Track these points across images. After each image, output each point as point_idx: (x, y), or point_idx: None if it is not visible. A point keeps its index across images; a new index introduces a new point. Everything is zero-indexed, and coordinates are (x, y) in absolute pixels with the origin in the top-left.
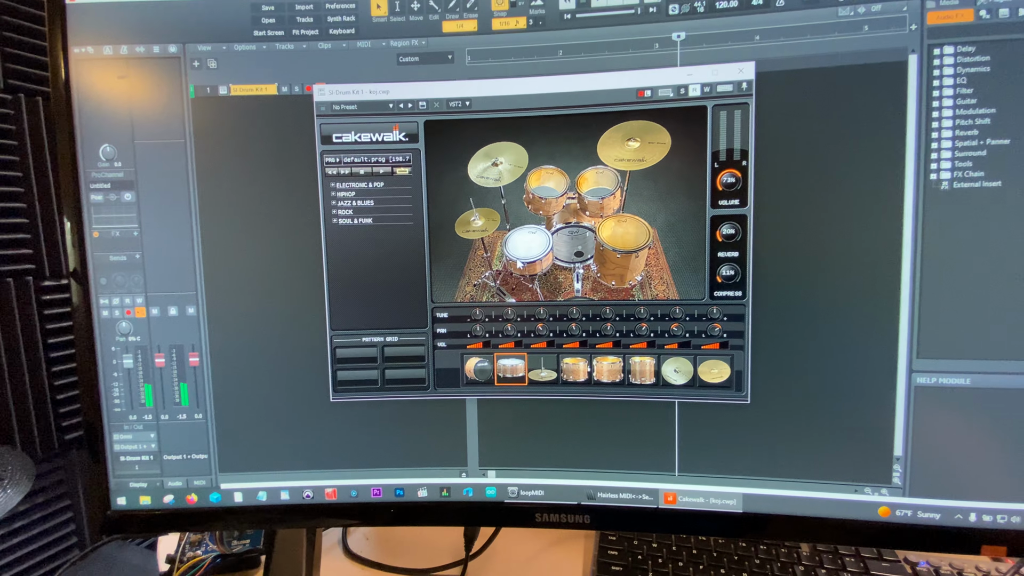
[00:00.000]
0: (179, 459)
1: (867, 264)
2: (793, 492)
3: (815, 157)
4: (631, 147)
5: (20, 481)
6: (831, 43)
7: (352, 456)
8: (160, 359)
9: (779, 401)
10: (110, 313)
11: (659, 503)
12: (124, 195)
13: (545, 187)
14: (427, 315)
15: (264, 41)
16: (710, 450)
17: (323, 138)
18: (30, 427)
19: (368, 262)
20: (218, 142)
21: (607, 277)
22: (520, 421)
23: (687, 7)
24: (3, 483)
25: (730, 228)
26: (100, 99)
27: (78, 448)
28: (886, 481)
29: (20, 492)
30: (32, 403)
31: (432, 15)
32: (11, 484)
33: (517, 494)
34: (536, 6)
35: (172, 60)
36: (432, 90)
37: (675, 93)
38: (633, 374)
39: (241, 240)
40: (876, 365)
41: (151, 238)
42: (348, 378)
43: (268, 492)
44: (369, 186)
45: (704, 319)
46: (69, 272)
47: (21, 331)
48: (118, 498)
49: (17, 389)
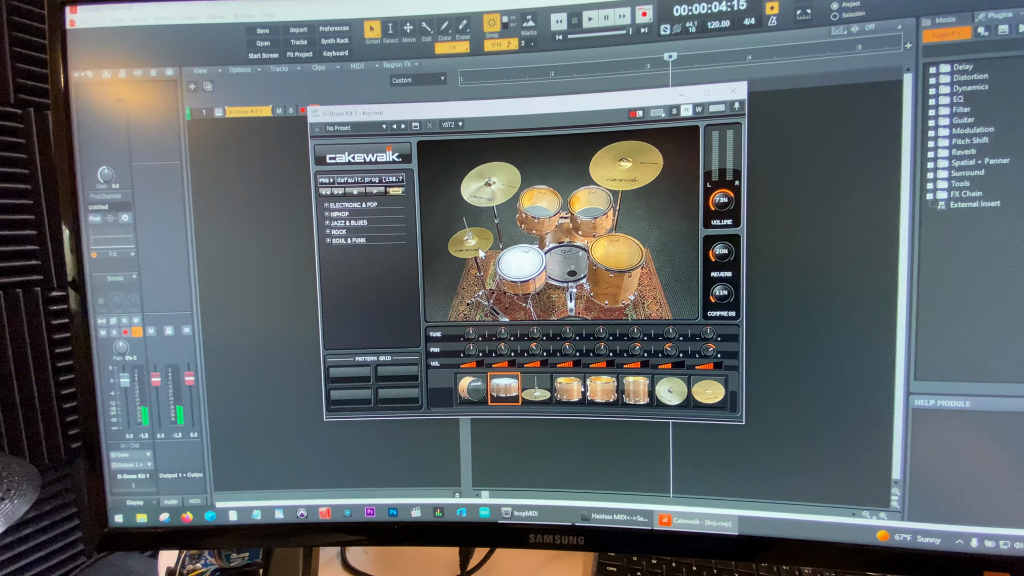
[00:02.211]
0: (175, 477)
1: (862, 284)
2: (789, 515)
3: (809, 177)
4: (623, 167)
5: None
6: (824, 62)
7: (346, 475)
8: (156, 378)
9: (774, 422)
10: (107, 332)
11: (654, 525)
12: (122, 216)
13: (538, 207)
14: (420, 334)
15: (259, 63)
16: (705, 471)
17: (317, 159)
18: (37, 436)
19: (361, 281)
20: (214, 164)
21: (600, 296)
22: (514, 441)
23: (679, 27)
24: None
25: (723, 248)
26: (99, 122)
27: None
28: (884, 505)
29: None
30: (39, 412)
31: (425, 37)
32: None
33: (511, 515)
34: (528, 27)
35: (169, 83)
36: (425, 111)
37: (667, 113)
38: (627, 394)
39: (236, 260)
40: (873, 387)
41: (148, 258)
42: (341, 397)
43: (263, 511)
44: (362, 206)
45: (698, 339)
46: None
47: (29, 341)
48: (116, 515)
49: (25, 398)
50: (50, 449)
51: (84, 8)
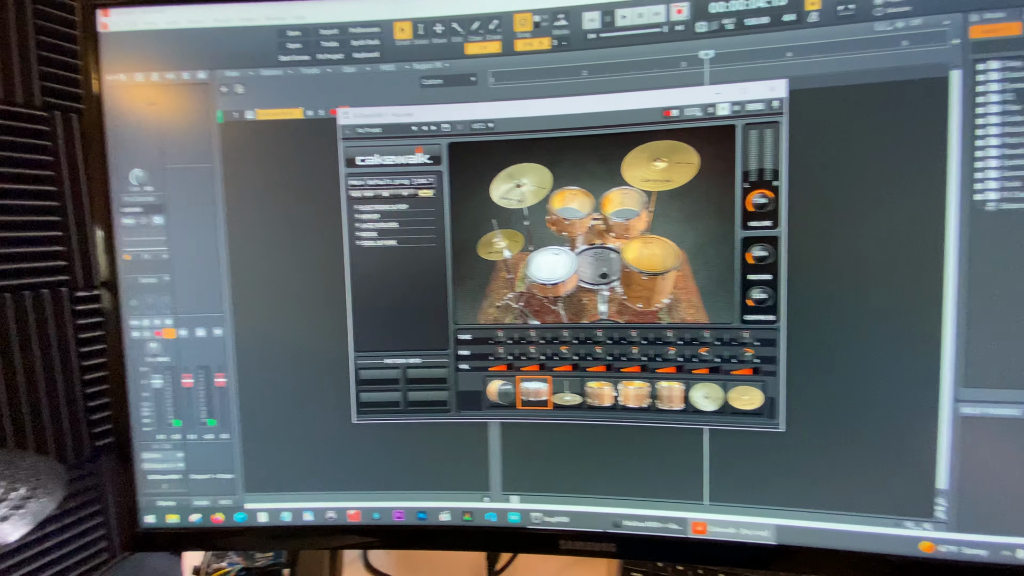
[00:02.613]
0: (206, 478)
1: (908, 287)
2: (830, 524)
3: (851, 176)
4: (657, 167)
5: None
6: (868, 59)
7: (375, 478)
8: (188, 380)
9: (815, 430)
10: (140, 334)
11: (687, 533)
12: (154, 218)
13: (569, 208)
14: (449, 337)
15: (290, 66)
16: (742, 479)
17: (347, 161)
18: (63, 433)
19: (391, 283)
20: (245, 166)
21: (633, 299)
22: (544, 446)
23: (715, 25)
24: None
25: (762, 250)
26: (131, 125)
27: (108, 455)
28: (928, 515)
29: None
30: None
31: (455, 37)
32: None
33: (541, 520)
34: (560, 26)
35: (201, 86)
36: (455, 112)
37: (703, 112)
38: (660, 399)
39: (267, 262)
40: (918, 394)
41: (180, 260)
42: (371, 399)
43: (292, 512)
44: (393, 208)
45: (735, 344)
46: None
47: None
48: (146, 516)
49: (51, 396)
50: (75, 447)
51: (116, 11)
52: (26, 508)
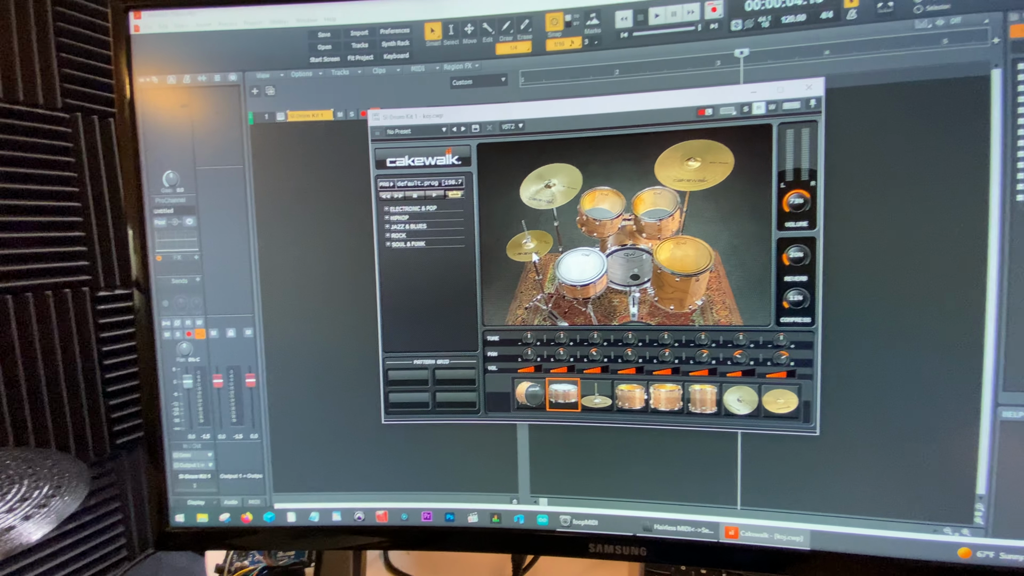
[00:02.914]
0: (235, 478)
1: (949, 290)
2: (866, 530)
3: (890, 176)
4: (691, 167)
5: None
6: (907, 57)
7: (403, 479)
8: (218, 380)
9: (851, 434)
10: (171, 334)
11: (720, 537)
12: (186, 220)
13: (599, 209)
14: (478, 338)
15: (320, 67)
16: (776, 483)
17: (377, 162)
18: (84, 432)
19: (420, 284)
20: (275, 167)
21: (665, 301)
22: (573, 448)
23: (751, 23)
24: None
25: (798, 251)
26: (164, 127)
27: (129, 454)
28: (967, 521)
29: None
30: (86, 409)
31: (486, 37)
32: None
33: (570, 523)
34: (592, 25)
35: (232, 88)
36: (485, 113)
37: (738, 111)
38: (693, 402)
39: (297, 263)
40: (958, 398)
41: (211, 261)
42: (400, 400)
43: (320, 513)
44: (422, 209)
45: (770, 346)
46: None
47: (77, 339)
48: (177, 515)
49: (72, 395)
50: (96, 445)
51: (148, 14)
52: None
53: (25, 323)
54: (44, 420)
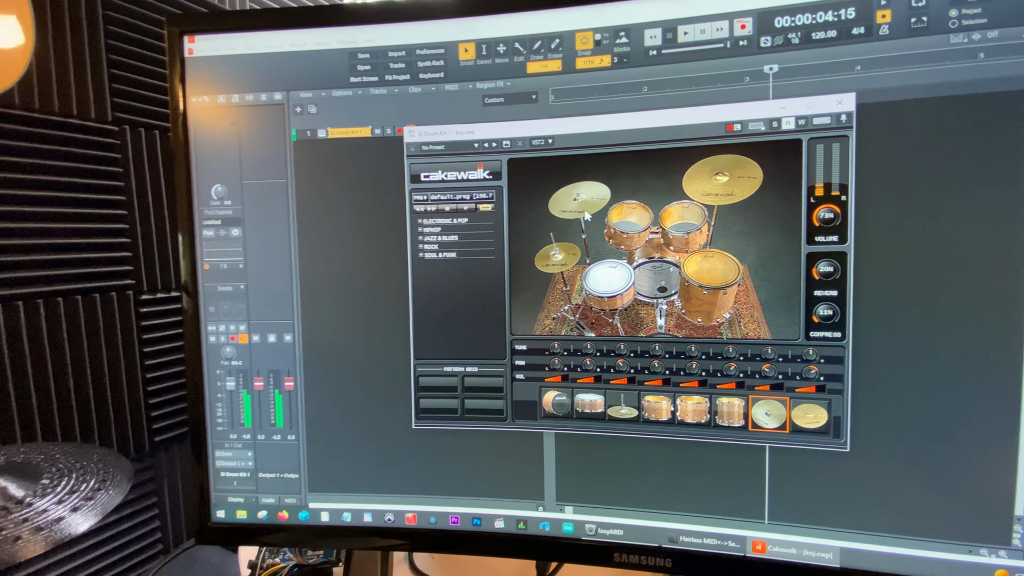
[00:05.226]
0: (273, 477)
1: (984, 306)
2: (897, 549)
3: (924, 191)
4: (719, 181)
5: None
6: (942, 72)
7: (432, 483)
8: (259, 382)
9: (882, 450)
10: (216, 339)
11: (746, 551)
12: (232, 231)
13: (627, 222)
14: (506, 347)
15: (360, 87)
16: (804, 499)
17: (412, 177)
18: (126, 429)
19: (451, 294)
20: (316, 181)
21: (693, 314)
22: (599, 457)
23: (780, 39)
24: (105, 483)
25: (828, 266)
26: (214, 143)
27: (166, 451)
28: (1005, 543)
29: (120, 492)
30: (128, 407)
31: (517, 57)
32: (112, 484)
33: (595, 532)
34: (621, 44)
35: (277, 107)
36: (516, 129)
37: (767, 127)
38: (720, 415)
39: (334, 272)
40: (995, 416)
41: (255, 270)
42: (429, 406)
43: (352, 513)
44: (454, 222)
45: (799, 360)
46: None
47: (121, 340)
48: (218, 511)
49: (115, 392)
50: (136, 443)
51: (201, 37)
52: (95, 499)
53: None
54: (89, 416)
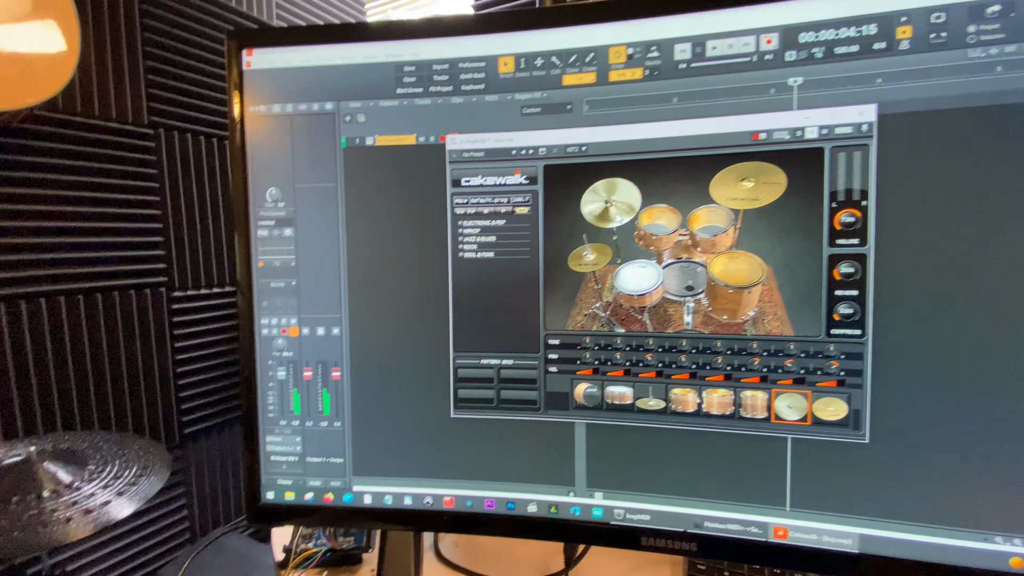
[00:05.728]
0: (320, 461)
1: (1004, 306)
2: (915, 536)
3: (942, 198)
4: (745, 187)
5: (160, 470)
6: (961, 84)
7: (469, 468)
8: (308, 373)
9: (900, 442)
10: (269, 331)
11: (768, 537)
12: (285, 230)
13: (657, 224)
14: (540, 341)
15: (405, 97)
16: (825, 487)
17: (453, 181)
18: (157, 421)
19: (489, 291)
20: (364, 186)
21: (719, 311)
22: (628, 446)
23: (804, 54)
24: (147, 471)
25: (849, 267)
26: (268, 149)
27: (194, 442)
28: (1020, 531)
29: (160, 480)
30: (159, 399)
31: (554, 70)
32: (153, 472)
33: (623, 517)
34: (652, 57)
35: (328, 116)
36: (551, 137)
37: (791, 135)
38: (744, 408)
39: (380, 270)
40: (1012, 413)
41: (305, 267)
42: (467, 396)
43: (393, 496)
44: (492, 223)
45: (820, 356)
46: (238, 293)
47: (154, 335)
48: (267, 492)
49: (148, 385)
50: (167, 434)
51: (259, 51)
52: (138, 485)
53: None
54: (124, 407)
